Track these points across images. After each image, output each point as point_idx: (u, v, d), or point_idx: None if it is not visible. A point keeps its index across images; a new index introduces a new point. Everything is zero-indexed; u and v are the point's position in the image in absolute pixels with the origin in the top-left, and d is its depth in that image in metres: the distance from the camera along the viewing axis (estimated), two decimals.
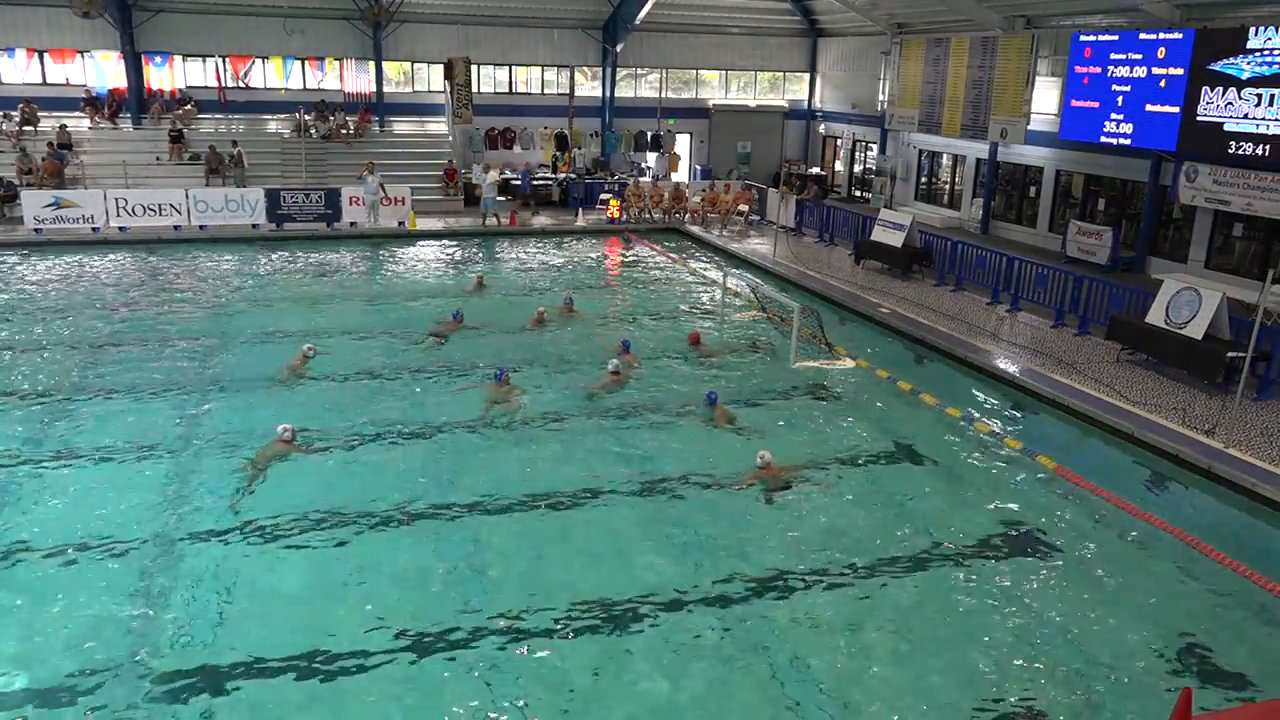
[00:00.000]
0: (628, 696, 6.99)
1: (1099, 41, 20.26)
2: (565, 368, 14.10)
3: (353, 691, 6.95)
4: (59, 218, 21.97)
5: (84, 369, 13.65)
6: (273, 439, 10.89)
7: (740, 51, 33.08)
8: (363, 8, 28.39)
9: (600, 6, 30.44)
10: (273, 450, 10.77)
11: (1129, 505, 10.24)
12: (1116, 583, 8.78)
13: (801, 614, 8.07)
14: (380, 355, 14.56)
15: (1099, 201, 22.70)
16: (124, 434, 11.32)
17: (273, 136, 27.97)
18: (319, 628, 7.63)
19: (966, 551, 9.22)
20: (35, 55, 27.40)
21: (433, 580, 8.44)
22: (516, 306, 17.29)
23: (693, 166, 33.21)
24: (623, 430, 11.88)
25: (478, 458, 11.00)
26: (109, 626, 7.59)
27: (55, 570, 8.42)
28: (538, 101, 31.51)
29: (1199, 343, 13.40)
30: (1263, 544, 9.71)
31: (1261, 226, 18.43)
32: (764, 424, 12.16)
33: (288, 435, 10.92)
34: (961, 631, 7.91)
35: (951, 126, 25.46)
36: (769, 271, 20.77)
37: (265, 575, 8.46)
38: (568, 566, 8.69)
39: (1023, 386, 13.67)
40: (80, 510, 9.44)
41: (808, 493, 10.28)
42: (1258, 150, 16.86)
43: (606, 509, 9.88)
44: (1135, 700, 7.12)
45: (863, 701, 7.01)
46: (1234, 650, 7.77)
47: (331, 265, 20.84)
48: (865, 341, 16.20)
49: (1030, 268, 17.66)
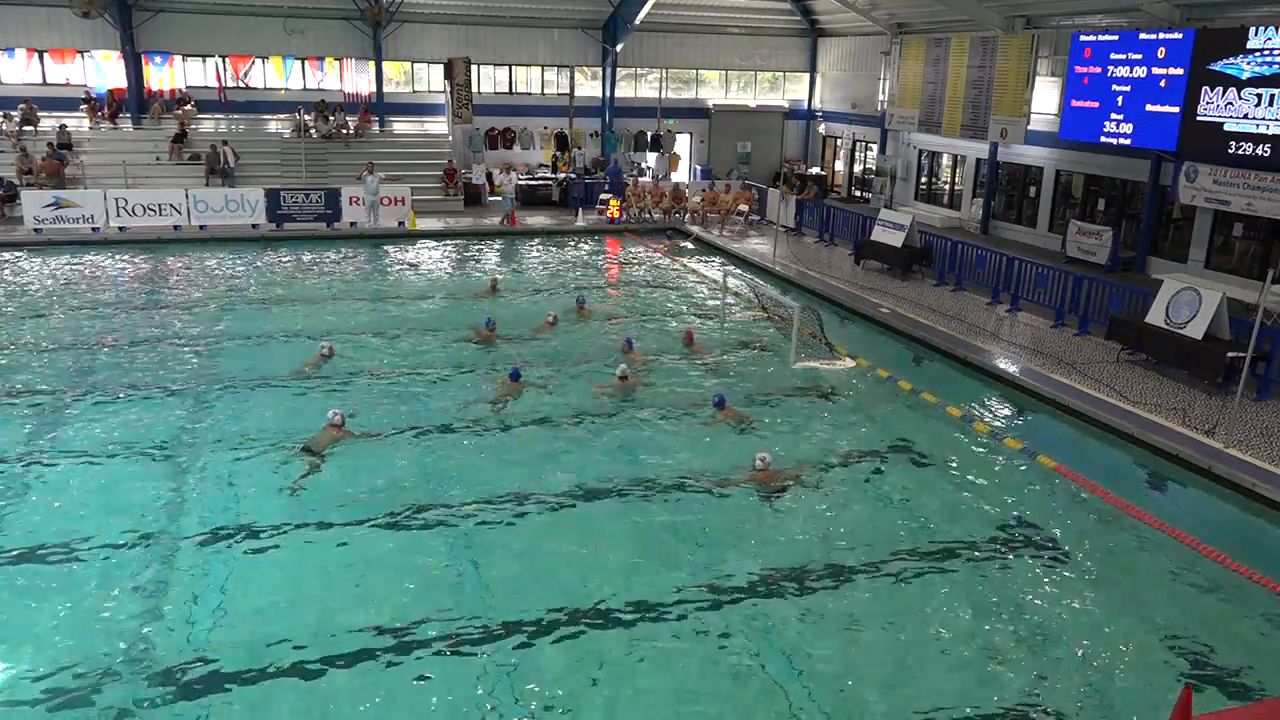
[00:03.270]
0: (630, 695, 6.99)
1: (1099, 41, 20.26)
2: (578, 371, 13.95)
3: (352, 692, 6.95)
4: (59, 218, 21.97)
5: (84, 369, 13.64)
6: (323, 425, 11.08)
7: (740, 51, 33.08)
8: (363, 8, 28.39)
9: (600, 6, 30.43)
10: (326, 437, 10.89)
11: (1129, 505, 10.24)
12: (1116, 582, 8.78)
13: (800, 614, 8.06)
14: (394, 355, 14.55)
15: (1099, 201, 22.69)
16: (125, 434, 11.32)
17: (273, 136, 27.97)
18: (319, 627, 7.63)
19: (966, 551, 9.21)
20: (35, 55, 27.40)
21: (433, 579, 8.43)
22: (528, 308, 17.25)
23: (693, 166, 33.21)
24: (624, 430, 11.87)
25: (480, 457, 11.01)
26: (110, 626, 7.60)
27: (55, 570, 8.42)
28: (538, 101, 31.51)
29: (1199, 343, 13.40)
30: (1263, 544, 9.71)
31: (1261, 226, 18.43)
32: (764, 423, 12.16)
33: (337, 420, 11.10)
34: (961, 631, 7.91)
35: (951, 126, 25.45)
36: (769, 271, 20.78)
37: (265, 575, 8.46)
38: (568, 566, 8.68)
39: (1023, 386, 13.67)
40: (80, 510, 9.44)
41: (807, 493, 10.27)
42: (1258, 150, 16.86)
43: (607, 508, 9.87)
44: (1135, 700, 7.12)
45: (862, 701, 7.01)
46: (1234, 650, 7.77)
47: (333, 265, 20.85)
48: (865, 341, 16.20)
49: (1030, 268, 17.66)
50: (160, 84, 28.33)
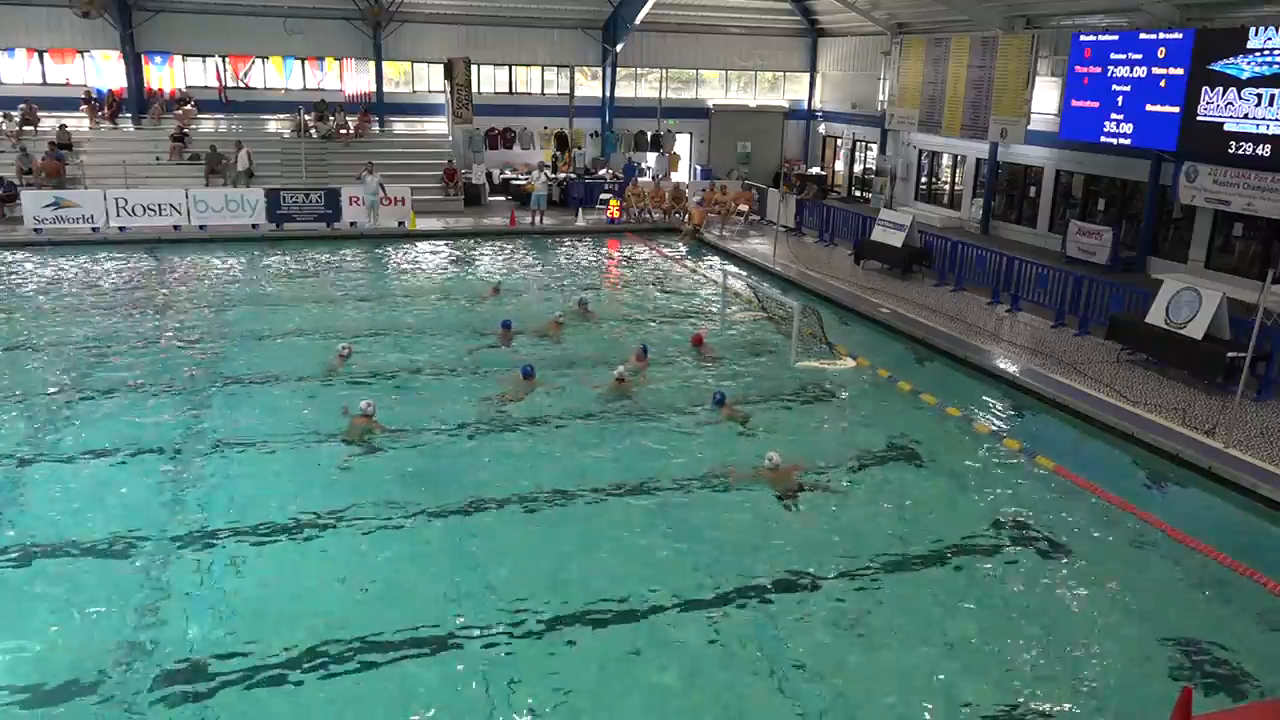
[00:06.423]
0: (633, 695, 6.99)
1: (1099, 41, 20.26)
2: (588, 371, 13.93)
3: (353, 692, 6.96)
4: (59, 218, 21.95)
5: (84, 369, 13.63)
6: (354, 415, 11.29)
7: (740, 51, 33.07)
8: (363, 8, 28.39)
9: (600, 6, 30.43)
10: (358, 428, 11.07)
11: (1129, 505, 10.24)
12: (1116, 582, 8.78)
13: (802, 613, 8.07)
14: (403, 355, 14.56)
15: (1099, 201, 22.69)
16: (128, 433, 11.31)
17: (273, 136, 27.97)
18: (322, 627, 7.62)
19: (966, 551, 9.22)
20: (35, 55, 27.41)
21: (433, 578, 8.42)
22: (534, 309, 17.22)
23: (693, 166, 33.21)
24: (627, 429, 11.87)
25: (487, 455, 11.02)
26: (109, 626, 7.60)
27: (57, 569, 8.41)
28: (538, 101, 31.51)
29: (1199, 343, 13.40)
30: (1263, 544, 9.70)
31: (1261, 226, 18.43)
32: (765, 423, 12.16)
33: (370, 410, 11.28)
34: (960, 631, 7.90)
35: (952, 126, 25.45)
36: (769, 271, 20.78)
37: (264, 574, 8.46)
38: (570, 565, 8.68)
39: (1023, 386, 13.67)
40: (80, 510, 9.43)
41: (808, 493, 10.26)
42: (1258, 150, 16.86)
43: (610, 508, 9.87)
44: (1135, 700, 7.12)
45: (863, 701, 7.01)
46: (1234, 650, 7.77)
47: (335, 265, 20.85)
48: (865, 341, 16.20)
49: (1030, 268, 17.66)
50: (160, 84, 28.35)
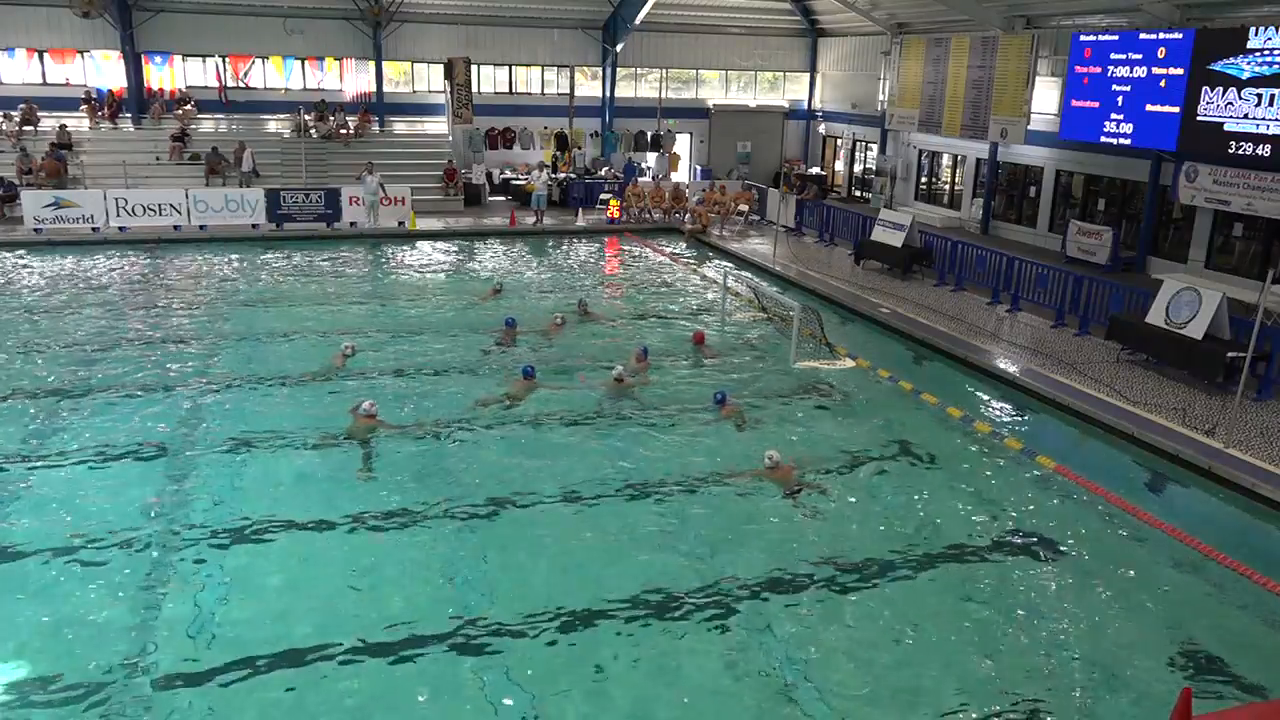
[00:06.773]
0: (632, 695, 6.99)
1: (1099, 41, 20.26)
2: (589, 371, 13.92)
3: (354, 692, 6.96)
4: (59, 218, 21.96)
5: (84, 369, 13.64)
6: (357, 416, 11.30)
7: (740, 51, 33.08)
8: (363, 8, 28.39)
9: (600, 6, 30.43)
10: (361, 428, 11.11)
11: (1129, 505, 10.24)
12: (1116, 583, 8.78)
13: (802, 614, 8.07)
14: (402, 353, 14.55)
15: (1099, 201, 22.70)
16: (128, 433, 11.31)
17: (273, 136, 27.97)
18: (322, 627, 7.63)
19: (966, 551, 9.22)
20: (35, 55, 27.42)
21: (434, 578, 8.44)
22: (534, 309, 17.21)
23: (693, 166, 33.21)
24: (627, 429, 11.87)
25: (489, 454, 11.01)
26: (110, 625, 7.60)
27: (56, 569, 8.41)
28: (538, 101, 31.51)
29: (1199, 343, 13.40)
30: (1263, 544, 9.71)
31: (1261, 226, 18.43)
32: (765, 424, 12.16)
33: (373, 410, 11.30)
34: (960, 632, 7.90)
35: (951, 126, 25.45)
36: (769, 271, 20.78)
37: (263, 574, 8.46)
38: (570, 565, 8.69)
39: (1023, 386, 13.67)
40: (79, 510, 9.43)
41: (807, 492, 10.27)
42: (1258, 150, 16.86)
43: (610, 508, 9.87)
44: (1135, 700, 7.12)
45: (863, 702, 7.01)
46: (1234, 650, 7.77)
47: (337, 264, 20.85)
48: (865, 341, 16.20)
49: (1030, 268, 17.66)
50: (160, 84, 28.35)
